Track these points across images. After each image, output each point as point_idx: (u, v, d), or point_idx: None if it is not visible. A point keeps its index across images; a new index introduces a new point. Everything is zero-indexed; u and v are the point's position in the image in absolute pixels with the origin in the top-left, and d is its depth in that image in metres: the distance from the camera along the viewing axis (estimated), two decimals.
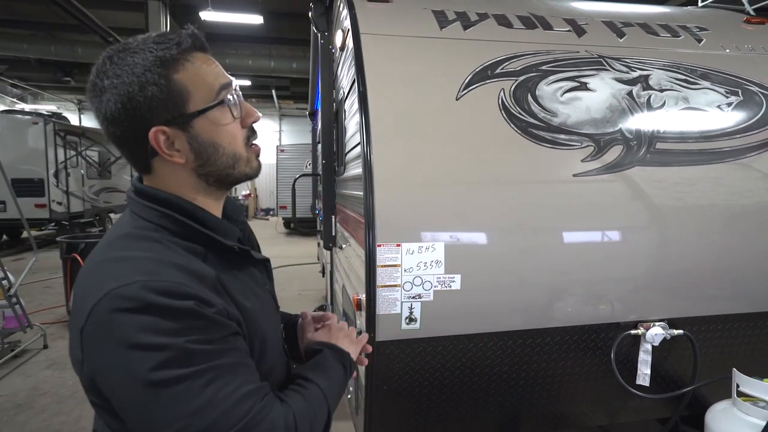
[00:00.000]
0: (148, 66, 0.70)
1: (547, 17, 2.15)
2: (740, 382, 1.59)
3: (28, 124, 9.75)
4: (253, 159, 0.82)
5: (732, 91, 2.04)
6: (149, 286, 0.63)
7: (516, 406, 1.90)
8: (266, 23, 11.02)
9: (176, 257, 0.71)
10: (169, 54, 0.72)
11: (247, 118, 0.80)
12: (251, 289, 0.83)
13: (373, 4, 2.03)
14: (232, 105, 0.77)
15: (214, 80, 0.75)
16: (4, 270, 4.04)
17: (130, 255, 0.69)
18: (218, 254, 0.77)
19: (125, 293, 0.63)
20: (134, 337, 0.61)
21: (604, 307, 1.81)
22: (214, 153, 0.76)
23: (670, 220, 1.84)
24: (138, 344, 0.61)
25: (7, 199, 8.76)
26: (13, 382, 3.78)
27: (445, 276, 1.64)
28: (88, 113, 22.23)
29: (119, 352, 0.62)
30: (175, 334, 0.62)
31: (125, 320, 0.62)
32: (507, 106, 1.80)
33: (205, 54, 0.77)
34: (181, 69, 0.72)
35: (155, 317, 0.62)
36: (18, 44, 11.91)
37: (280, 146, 13.72)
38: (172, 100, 0.72)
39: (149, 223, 0.75)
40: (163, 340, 0.61)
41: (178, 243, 0.74)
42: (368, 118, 1.67)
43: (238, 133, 0.79)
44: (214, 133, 0.76)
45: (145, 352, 0.61)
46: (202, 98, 0.74)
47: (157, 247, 0.71)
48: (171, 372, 0.61)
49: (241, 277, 0.81)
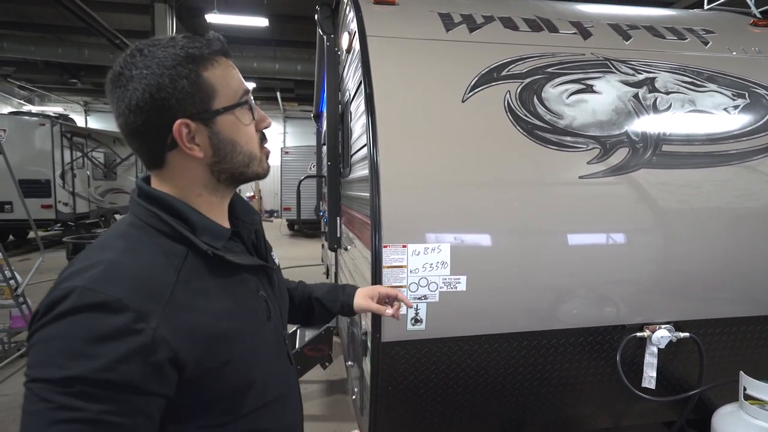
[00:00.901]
0: (179, 60, 0.73)
1: (553, 20, 2.16)
2: (747, 385, 1.58)
3: (35, 126, 9.82)
4: (265, 160, 0.87)
5: (739, 94, 2.03)
6: (82, 295, 0.63)
7: (521, 407, 1.90)
8: (271, 26, 11.07)
9: (140, 264, 0.69)
10: (200, 52, 0.75)
11: (260, 123, 0.85)
12: (237, 296, 0.80)
13: (380, 6, 2.04)
14: (253, 108, 0.83)
15: (239, 83, 0.81)
16: (11, 270, 4.07)
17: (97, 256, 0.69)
18: (200, 256, 0.76)
19: (62, 294, 0.63)
20: (42, 335, 0.62)
21: (610, 309, 1.81)
22: (232, 150, 0.79)
23: (676, 223, 1.84)
24: (39, 344, 0.62)
25: (14, 200, 8.83)
26: (18, 381, 3.80)
27: (450, 277, 1.64)
28: (94, 115, 22.38)
29: (36, 341, 0.63)
30: (69, 356, 0.60)
31: (50, 318, 0.62)
32: (513, 108, 1.81)
33: (228, 60, 0.81)
34: (210, 68, 0.76)
35: (67, 327, 0.61)
36: (26, 46, 12.02)
37: (284, 148, 13.75)
38: (200, 95, 0.75)
39: (138, 220, 0.76)
40: (55, 358, 0.60)
41: (161, 243, 0.74)
42: (375, 119, 1.67)
43: (254, 134, 0.84)
44: (234, 132, 0.79)
45: (38, 357, 0.61)
46: (227, 97, 0.78)
47: (127, 248, 0.71)
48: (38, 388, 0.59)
49: (225, 281, 0.78)
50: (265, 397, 0.83)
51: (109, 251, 0.70)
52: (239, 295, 0.80)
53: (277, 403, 0.86)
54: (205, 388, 0.73)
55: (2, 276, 3.96)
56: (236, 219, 0.90)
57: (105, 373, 0.59)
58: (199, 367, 0.70)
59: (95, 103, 21.99)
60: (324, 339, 2.96)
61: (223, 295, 0.77)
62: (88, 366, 0.59)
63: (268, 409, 0.83)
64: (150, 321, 0.64)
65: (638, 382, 1.86)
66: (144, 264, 0.70)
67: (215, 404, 0.75)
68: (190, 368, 0.69)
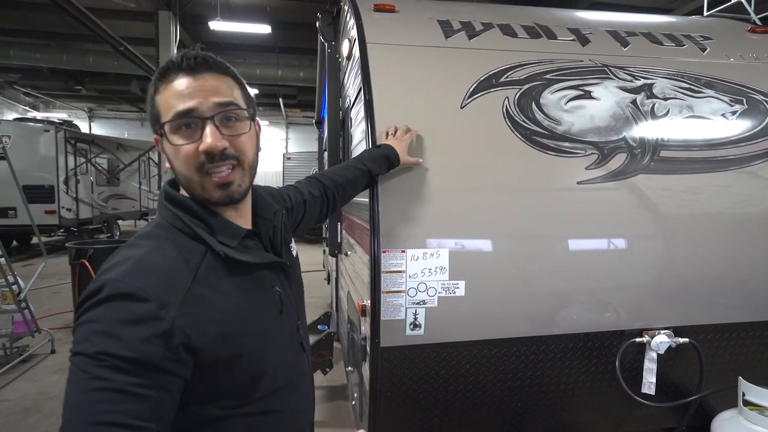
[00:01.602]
0: (151, 86, 0.85)
1: (552, 27, 2.18)
2: (746, 391, 1.58)
3: (40, 132, 9.90)
4: (211, 188, 0.82)
5: (736, 100, 2.04)
6: (113, 286, 0.71)
7: (520, 413, 1.90)
8: (274, 33, 11.15)
9: (163, 262, 0.77)
10: (155, 77, 0.84)
11: (200, 146, 0.80)
12: (251, 292, 0.85)
13: (380, 14, 2.06)
14: (176, 131, 0.80)
15: (176, 102, 0.80)
16: (14, 275, 4.09)
17: (126, 253, 0.78)
18: (217, 254, 0.82)
19: (98, 286, 0.72)
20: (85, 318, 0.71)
21: (609, 314, 1.81)
22: (174, 168, 0.84)
23: (675, 228, 1.84)
24: (82, 325, 0.70)
25: (18, 205, 8.88)
26: (20, 386, 3.81)
27: (449, 282, 1.65)
28: (98, 121, 22.54)
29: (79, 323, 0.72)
30: (103, 334, 0.68)
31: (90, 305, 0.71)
32: (511, 114, 1.82)
33: (184, 76, 0.81)
34: (160, 90, 0.83)
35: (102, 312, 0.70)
36: (31, 54, 12.14)
37: (286, 154, 13.82)
38: (155, 115, 0.83)
39: (164, 222, 0.84)
40: (93, 336, 0.69)
41: (183, 242, 0.81)
42: (374, 125, 1.69)
43: (190, 156, 0.80)
44: (169, 150, 0.83)
45: (81, 335, 0.69)
46: (165, 117, 0.81)
47: (152, 246, 0.79)
48: (81, 362, 0.67)
49: (239, 279, 0.84)
50: (277, 382, 0.88)
51: (138, 249, 0.78)
52: (253, 293, 0.85)
53: (289, 387, 0.92)
54: (218, 376, 0.78)
55: (5, 281, 3.98)
56: (257, 216, 0.96)
57: (130, 351, 0.68)
58: (211, 358, 0.76)
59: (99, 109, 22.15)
60: (325, 344, 2.96)
61: (237, 294, 0.82)
62: (117, 344, 0.68)
63: (280, 393, 0.89)
64: (169, 310, 0.72)
65: (638, 388, 1.85)
66: (166, 261, 0.77)
67: (229, 390, 0.81)
68: (203, 356, 0.75)
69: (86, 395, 0.66)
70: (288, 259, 1.00)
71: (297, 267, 1.08)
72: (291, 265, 1.01)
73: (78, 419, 0.66)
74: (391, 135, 1.65)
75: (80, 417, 0.66)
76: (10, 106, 18.33)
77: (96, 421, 0.65)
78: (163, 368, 0.70)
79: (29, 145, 9.68)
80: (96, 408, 0.66)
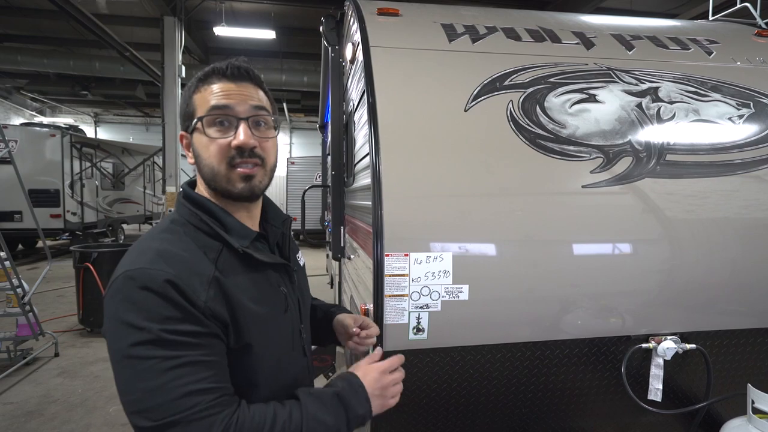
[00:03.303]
0: (188, 87, 0.95)
1: (556, 30, 2.17)
2: (756, 398, 1.55)
3: (46, 137, 9.99)
4: (236, 180, 0.90)
5: (743, 104, 2.03)
6: (146, 273, 0.76)
7: (524, 419, 1.87)
8: (278, 38, 11.23)
9: (184, 251, 0.83)
10: (196, 78, 0.93)
11: (233, 141, 0.89)
12: (261, 288, 0.91)
13: (383, 17, 2.06)
14: (212, 124, 0.89)
15: (214, 100, 0.89)
16: (18, 278, 4.11)
17: (147, 245, 0.83)
18: (232, 252, 0.88)
19: (129, 275, 0.77)
20: (124, 314, 0.74)
21: (615, 319, 1.79)
22: (200, 162, 0.91)
23: (682, 233, 1.82)
24: (125, 321, 0.74)
25: (23, 209, 8.94)
26: (24, 389, 3.82)
27: (452, 286, 1.64)
28: (103, 126, 22.71)
29: (114, 323, 0.75)
30: (154, 319, 0.74)
31: (123, 298, 0.76)
32: (515, 117, 1.81)
33: (224, 81, 0.91)
34: (199, 91, 0.92)
35: (143, 300, 0.74)
36: (39, 59, 12.28)
37: (290, 159, 13.85)
38: (189, 112, 0.92)
39: (181, 218, 0.90)
40: (144, 323, 0.73)
41: (199, 238, 0.87)
42: (377, 129, 1.69)
43: (222, 150, 0.89)
44: (200, 144, 0.91)
45: (129, 329, 0.73)
46: (200, 113, 0.90)
47: (172, 239, 0.85)
48: (142, 351, 0.72)
49: (252, 275, 0.90)
50: (279, 380, 0.93)
51: (158, 242, 0.84)
52: (263, 287, 0.92)
53: (292, 387, 0.94)
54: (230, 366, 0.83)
55: (10, 284, 3.99)
56: (266, 222, 1.03)
57: (187, 325, 0.75)
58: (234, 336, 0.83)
59: (105, 114, 22.33)
60: (328, 348, 2.95)
61: (251, 286, 0.89)
62: (171, 323, 0.74)
63: (282, 394, 0.91)
64: (200, 295, 0.79)
65: (644, 395, 1.83)
66: (187, 251, 0.83)
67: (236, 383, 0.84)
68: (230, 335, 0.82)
69: (162, 376, 0.71)
70: (294, 265, 1.06)
71: (304, 277, 1.14)
72: (297, 271, 1.07)
73: (164, 399, 0.71)
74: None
75: (165, 396, 0.71)
76: (17, 111, 18.50)
77: (183, 393, 0.71)
78: (216, 335, 0.79)
79: (35, 150, 9.78)
80: (177, 383, 0.72)
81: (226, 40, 12.42)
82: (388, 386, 1.00)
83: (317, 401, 0.88)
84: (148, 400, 0.71)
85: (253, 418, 0.78)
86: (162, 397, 0.71)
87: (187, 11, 10.52)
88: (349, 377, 0.96)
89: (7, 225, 8.94)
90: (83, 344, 4.95)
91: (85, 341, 5.05)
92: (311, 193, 4.98)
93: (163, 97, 10.53)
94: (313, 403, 0.87)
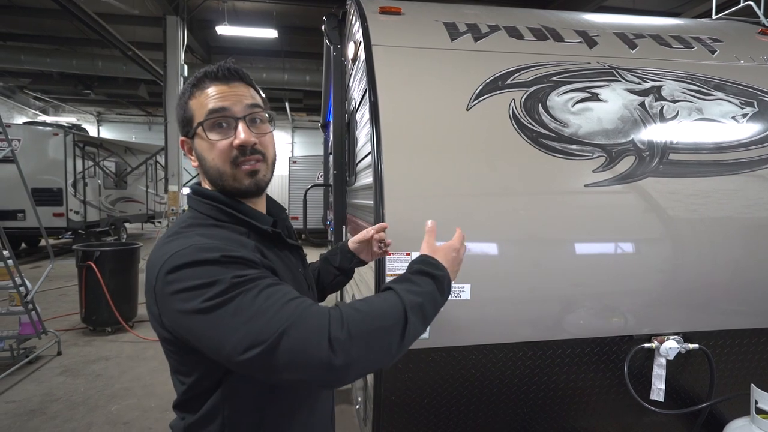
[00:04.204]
0: (181, 94, 0.98)
1: (558, 29, 2.16)
2: (759, 399, 1.54)
3: (49, 136, 10.00)
4: (242, 177, 0.93)
5: (747, 102, 2.02)
6: (199, 247, 0.79)
7: (526, 418, 1.87)
8: (280, 37, 11.23)
9: (222, 233, 0.88)
10: (189, 84, 0.96)
11: (234, 141, 0.91)
12: (286, 267, 0.97)
13: (385, 16, 2.06)
14: (221, 126, 0.92)
15: (211, 104, 0.92)
16: (21, 277, 4.12)
17: (186, 233, 0.86)
18: (257, 237, 0.94)
19: (181, 254, 0.79)
20: (191, 282, 0.76)
21: (617, 319, 1.78)
22: (205, 164, 0.94)
23: (684, 232, 1.81)
24: (193, 286, 0.76)
25: (26, 208, 8.97)
26: (26, 387, 3.83)
27: (454, 286, 1.63)
28: (106, 125, 22.76)
29: (183, 296, 0.76)
30: (221, 273, 0.76)
31: (184, 273, 0.77)
32: (518, 116, 1.80)
33: (217, 83, 0.93)
34: (194, 96, 0.94)
35: (204, 267, 0.77)
36: (42, 58, 12.32)
37: (292, 158, 13.85)
38: (187, 118, 0.95)
39: (202, 214, 0.93)
40: (213, 279, 0.75)
41: (226, 227, 0.91)
42: (379, 128, 1.68)
43: (224, 150, 0.92)
44: (202, 147, 0.94)
45: (200, 290, 0.75)
46: (198, 118, 0.93)
47: (206, 229, 0.89)
48: (223, 297, 0.74)
49: (279, 255, 0.96)
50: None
51: (187, 237, 0.84)
52: (290, 267, 0.99)
53: None
54: None
55: (13, 283, 4.01)
56: (271, 215, 1.07)
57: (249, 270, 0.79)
58: None
59: (107, 113, 22.38)
60: None
61: (281, 265, 0.94)
62: (238, 271, 0.77)
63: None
64: (251, 255, 0.83)
65: (646, 395, 1.82)
66: (224, 236, 0.86)
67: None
68: None
69: (253, 304, 0.73)
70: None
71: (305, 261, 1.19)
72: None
73: (266, 318, 0.72)
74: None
75: (266, 316, 0.72)
76: (21, 110, 18.56)
77: (281, 305, 0.74)
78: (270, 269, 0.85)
79: (38, 149, 9.79)
80: (270, 302, 0.74)
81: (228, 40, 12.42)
82: (459, 257, 1.06)
83: (409, 281, 0.90)
84: (252, 329, 0.71)
85: (350, 307, 0.79)
86: (264, 318, 0.72)
87: (190, 10, 10.53)
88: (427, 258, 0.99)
89: (10, 224, 8.95)
90: (86, 343, 4.96)
91: (87, 340, 5.06)
92: (313, 192, 4.98)
93: (165, 97, 10.54)
94: (405, 283, 0.90)
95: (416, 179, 1.67)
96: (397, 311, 0.81)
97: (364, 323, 0.76)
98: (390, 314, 0.80)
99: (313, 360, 0.70)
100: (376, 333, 0.77)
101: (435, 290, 0.91)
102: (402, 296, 0.84)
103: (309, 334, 0.71)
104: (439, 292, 0.92)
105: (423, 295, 0.87)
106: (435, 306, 0.90)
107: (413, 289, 0.87)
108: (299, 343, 0.71)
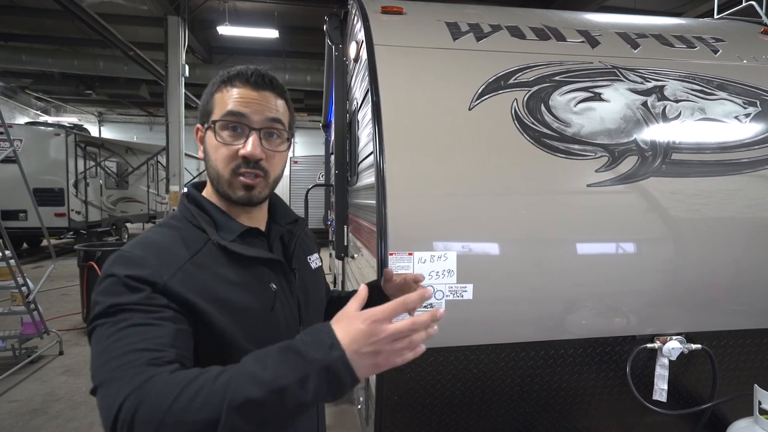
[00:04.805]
0: (211, 84, 0.96)
1: (561, 29, 2.16)
2: (763, 399, 1.54)
3: (51, 136, 10.02)
4: (237, 187, 0.91)
5: (750, 102, 2.01)
6: (121, 256, 0.82)
7: (528, 419, 1.87)
8: (282, 37, 11.23)
9: (164, 240, 0.87)
10: (219, 79, 0.95)
11: (241, 149, 0.89)
12: (246, 281, 0.90)
13: (387, 16, 2.06)
14: (225, 129, 0.90)
15: (231, 105, 0.90)
16: (23, 277, 4.12)
17: (146, 232, 0.90)
18: (218, 245, 0.90)
19: (111, 259, 0.83)
20: (96, 291, 0.80)
21: (619, 319, 1.78)
22: (208, 160, 0.94)
23: (687, 232, 1.81)
24: (95, 299, 0.79)
25: (28, 208, 8.97)
26: (29, 387, 3.83)
27: (457, 285, 1.63)
28: (107, 125, 22.78)
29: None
30: (106, 293, 0.77)
31: (100, 279, 0.81)
32: (520, 116, 1.80)
33: (246, 87, 0.91)
34: (220, 91, 0.93)
35: (104, 281, 0.80)
36: (43, 59, 12.33)
37: (293, 158, 13.85)
38: (207, 109, 0.94)
39: (179, 214, 0.95)
40: (98, 298, 0.77)
41: (191, 231, 0.90)
42: (381, 127, 1.68)
43: (229, 156, 0.90)
44: (211, 145, 0.93)
45: (95, 305, 0.78)
46: (217, 114, 0.92)
47: (163, 231, 0.90)
48: (96, 322, 0.76)
49: (237, 269, 0.90)
50: None
51: (152, 233, 0.90)
52: (248, 281, 0.91)
53: None
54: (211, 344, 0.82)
55: (15, 283, 4.01)
56: (273, 222, 1.04)
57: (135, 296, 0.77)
58: (202, 319, 0.82)
59: (109, 113, 22.39)
60: None
61: (235, 278, 0.88)
62: (117, 298, 0.76)
63: None
64: (163, 276, 0.80)
65: (649, 395, 1.82)
66: (168, 243, 0.86)
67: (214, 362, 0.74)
68: (197, 314, 0.81)
69: (109, 339, 0.73)
70: (300, 266, 1.04)
71: (315, 279, 1.13)
72: (300, 271, 1.04)
73: (106, 358, 0.71)
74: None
75: (108, 356, 0.71)
76: (22, 110, 18.58)
77: (124, 351, 0.70)
78: (167, 306, 0.78)
79: (40, 149, 9.80)
80: (121, 344, 0.71)
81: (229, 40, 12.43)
82: (387, 339, 0.66)
83: (259, 358, 0.66)
84: (93, 364, 0.73)
85: (170, 380, 0.65)
86: (104, 357, 0.72)
87: (191, 11, 10.53)
88: (317, 327, 0.69)
89: (11, 224, 8.96)
90: (87, 343, 4.97)
91: None
92: (314, 192, 4.97)
93: (166, 97, 10.54)
94: (253, 360, 0.66)
95: (418, 179, 1.67)
96: (210, 407, 0.61)
97: (160, 410, 0.62)
98: (195, 409, 0.61)
99: (106, 426, 0.67)
100: (166, 429, 0.61)
101: (304, 380, 0.62)
102: (231, 383, 0.62)
103: (108, 400, 0.67)
104: (312, 382, 0.62)
105: (269, 387, 0.61)
106: (293, 403, 0.62)
107: (258, 376, 0.62)
108: (103, 401, 0.68)
